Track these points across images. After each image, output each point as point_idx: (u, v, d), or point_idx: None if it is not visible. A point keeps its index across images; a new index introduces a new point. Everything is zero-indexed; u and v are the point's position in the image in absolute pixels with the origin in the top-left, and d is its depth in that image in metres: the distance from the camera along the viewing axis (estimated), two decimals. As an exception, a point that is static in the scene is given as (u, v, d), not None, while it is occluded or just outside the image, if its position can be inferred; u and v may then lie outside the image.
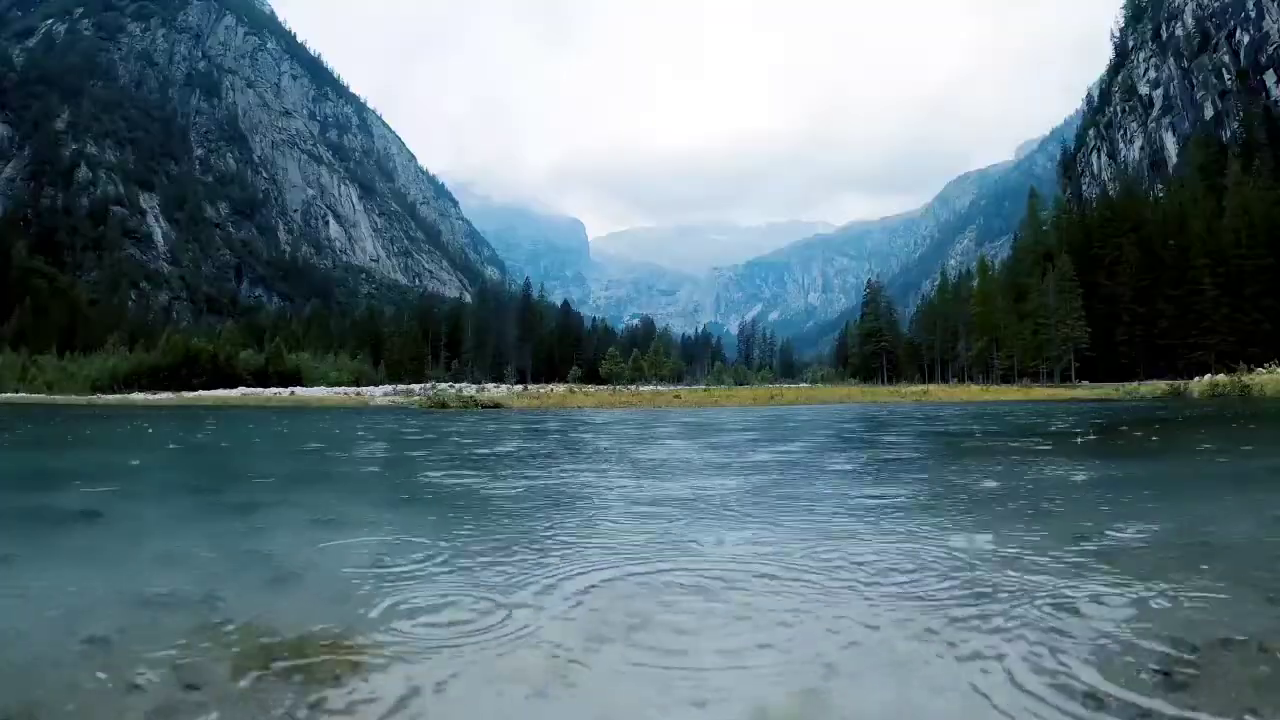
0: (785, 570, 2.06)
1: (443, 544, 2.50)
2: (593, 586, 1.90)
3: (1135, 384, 31.58)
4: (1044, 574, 1.95)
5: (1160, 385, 26.61)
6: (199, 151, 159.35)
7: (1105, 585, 1.83)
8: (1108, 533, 2.50)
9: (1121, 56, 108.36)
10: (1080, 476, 4.27)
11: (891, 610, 1.65)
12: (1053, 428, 9.44)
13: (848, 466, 5.36)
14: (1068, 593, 1.77)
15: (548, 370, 75.27)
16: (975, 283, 63.53)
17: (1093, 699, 1.17)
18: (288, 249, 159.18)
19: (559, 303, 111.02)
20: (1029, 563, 2.08)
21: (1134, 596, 1.72)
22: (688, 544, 2.45)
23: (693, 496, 3.62)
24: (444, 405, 22.20)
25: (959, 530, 2.60)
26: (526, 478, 4.63)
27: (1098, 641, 1.41)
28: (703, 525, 2.84)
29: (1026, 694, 1.19)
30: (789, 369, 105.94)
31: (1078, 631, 1.47)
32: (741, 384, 54.25)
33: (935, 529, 2.64)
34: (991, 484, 3.96)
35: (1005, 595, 1.75)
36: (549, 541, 2.55)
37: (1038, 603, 1.68)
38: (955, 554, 2.21)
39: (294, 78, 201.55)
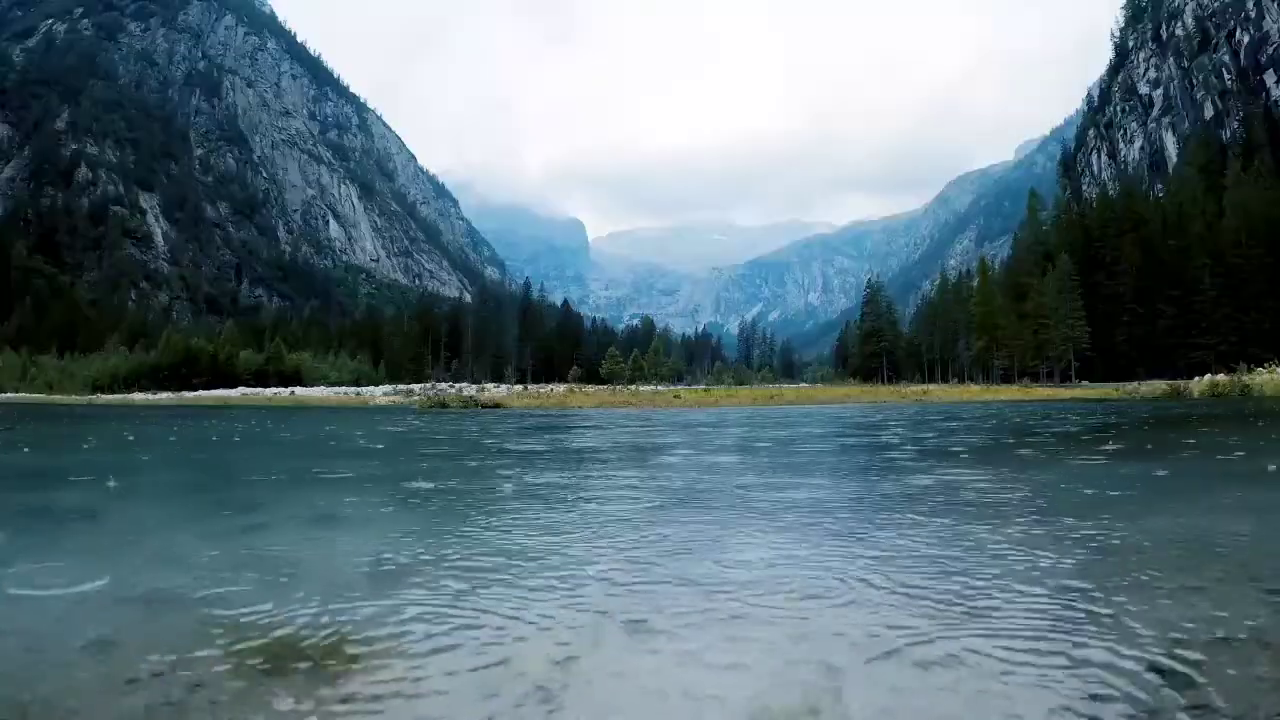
0: (788, 569, 2.05)
1: (442, 543, 2.50)
2: (592, 584, 1.90)
3: (1135, 384, 31.56)
4: (1043, 573, 1.95)
5: (1160, 385, 26.59)
6: (199, 151, 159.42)
7: (1104, 584, 1.83)
8: (1106, 531, 2.49)
9: (1121, 56, 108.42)
10: (1077, 475, 4.26)
11: (892, 609, 1.65)
12: (1057, 428, 9.44)
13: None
14: (1067, 591, 1.76)
15: (548, 370, 75.28)
16: (975, 283, 63.49)
17: (1092, 698, 1.17)
18: (288, 249, 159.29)
19: (559, 303, 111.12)
20: (1028, 562, 2.08)
21: (1133, 595, 1.72)
22: (687, 545, 2.45)
23: (686, 490, 3.62)
24: (444, 405, 22.23)
25: (956, 530, 2.60)
26: (524, 476, 4.63)
27: (1097, 640, 1.41)
28: (704, 525, 2.83)
29: (1026, 693, 1.20)
30: (789, 369, 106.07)
31: (1077, 630, 1.47)
32: (741, 384, 54.21)
33: (932, 529, 2.64)
34: (985, 483, 3.96)
35: (1004, 594, 1.74)
36: (547, 540, 2.55)
37: (1037, 601, 1.68)
38: (953, 553, 2.21)
39: (294, 78, 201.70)
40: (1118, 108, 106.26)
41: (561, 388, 38.20)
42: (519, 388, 39.37)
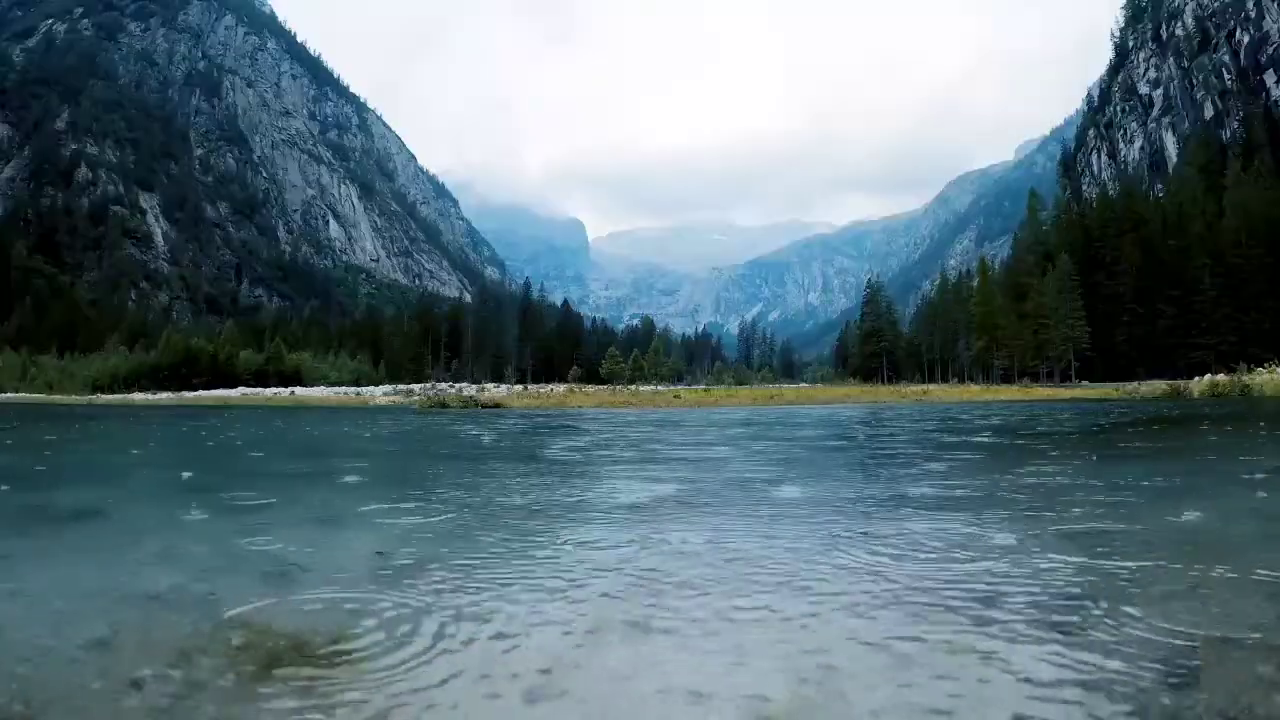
0: (789, 568, 2.05)
1: (442, 542, 2.50)
2: (591, 584, 1.90)
3: (1135, 384, 31.53)
4: (1044, 571, 1.95)
5: (1160, 385, 26.56)
6: (199, 151, 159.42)
7: (1105, 582, 1.83)
8: (1106, 530, 2.50)
9: (1121, 56, 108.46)
10: (1076, 474, 4.26)
11: (892, 608, 1.65)
12: (1056, 428, 9.44)
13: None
14: (1067, 590, 1.76)
15: (547, 370, 75.29)
16: (975, 283, 63.48)
17: (1092, 697, 1.18)
18: (288, 249, 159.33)
19: (559, 303, 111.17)
20: (1028, 561, 2.08)
21: (1134, 593, 1.72)
22: (687, 544, 2.45)
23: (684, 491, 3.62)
24: (444, 405, 22.23)
25: (955, 529, 2.60)
26: (523, 476, 4.63)
27: (1097, 639, 1.41)
28: (704, 524, 2.83)
29: (1027, 692, 1.20)
30: (789, 369, 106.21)
31: (1077, 629, 1.47)
32: (741, 384, 54.22)
33: (932, 528, 2.64)
34: (977, 482, 3.96)
35: (1004, 593, 1.74)
36: (546, 539, 2.55)
37: (1037, 601, 1.68)
38: (952, 552, 2.21)
39: (294, 78, 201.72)
40: (1118, 108, 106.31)
41: (561, 388, 38.18)
42: (519, 388, 39.35)
